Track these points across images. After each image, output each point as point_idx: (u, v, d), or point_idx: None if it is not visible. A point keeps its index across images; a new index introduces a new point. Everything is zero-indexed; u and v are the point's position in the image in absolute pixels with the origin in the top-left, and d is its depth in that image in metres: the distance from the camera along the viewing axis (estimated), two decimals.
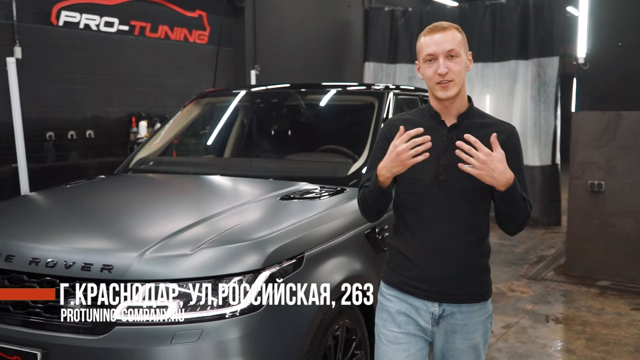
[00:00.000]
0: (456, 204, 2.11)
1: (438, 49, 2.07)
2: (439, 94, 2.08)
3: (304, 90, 4.27)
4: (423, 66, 2.13)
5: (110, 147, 6.48)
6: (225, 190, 3.42)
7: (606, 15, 5.59)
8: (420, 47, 2.13)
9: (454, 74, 2.06)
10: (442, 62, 2.05)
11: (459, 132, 2.09)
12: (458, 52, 2.08)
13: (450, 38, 2.08)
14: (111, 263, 2.31)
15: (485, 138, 2.01)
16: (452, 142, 2.07)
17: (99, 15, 6.27)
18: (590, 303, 5.12)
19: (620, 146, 5.56)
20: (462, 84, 2.12)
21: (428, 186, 2.12)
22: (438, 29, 2.11)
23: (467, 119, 2.14)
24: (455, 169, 2.04)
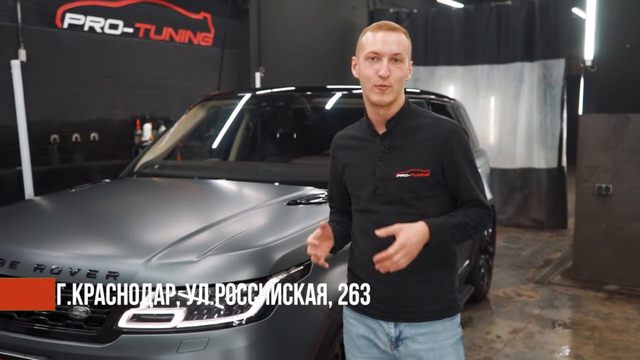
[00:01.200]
0: (399, 216, 1.95)
1: (384, 48, 1.91)
2: (374, 97, 1.94)
3: (310, 93, 4.25)
4: (363, 64, 1.96)
5: (115, 150, 6.45)
6: (230, 195, 3.39)
7: (614, 16, 5.56)
8: (364, 43, 1.97)
9: (395, 79, 1.92)
10: (386, 64, 1.90)
11: (392, 140, 1.99)
12: (403, 58, 1.94)
13: (397, 40, 1.94)
14: (117, 270, 2.29)
15: (419, 142, 1.97)
16: (385, 152, 1.99)
17: (104, 17, 6.25)
18: (598, 308, 5.08)
19: (628, 149, 5.52)
20: (399, 92, 1.97)
21: (368, 201, 2.02)
22: (387, 27, 1.96)
23: (400, 123, 2.00)
24: (392, 180, 1.97)
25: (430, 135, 1.98)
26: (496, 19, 8.44)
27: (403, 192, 1.97)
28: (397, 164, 1.98)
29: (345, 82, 10.09)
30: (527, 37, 8.21)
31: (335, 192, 2.23)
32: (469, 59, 8.67)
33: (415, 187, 1.97)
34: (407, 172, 1.97)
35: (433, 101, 4.57)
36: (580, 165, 5.80)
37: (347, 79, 10.29)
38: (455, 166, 1.98)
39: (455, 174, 1.99)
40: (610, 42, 5.58)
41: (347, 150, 2.11)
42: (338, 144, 2.17)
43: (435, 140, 1.97)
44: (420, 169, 1.96)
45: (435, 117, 2.05)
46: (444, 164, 1.98)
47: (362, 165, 2.04)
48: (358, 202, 2.07)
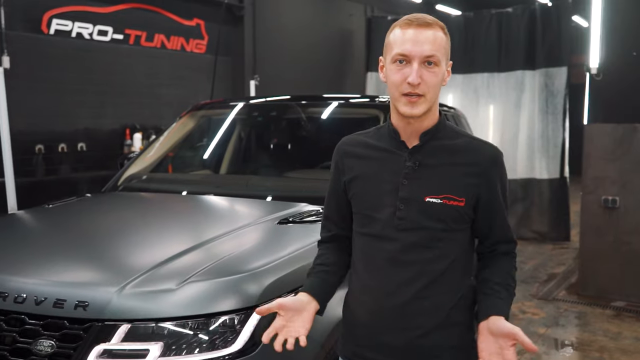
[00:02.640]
0: (419, 249, 1.66)
1: (415, 49, 1.60)
2: (402, 108, 1.63)
3: (305, 103, 4.03)
4: (390, 67, 1.65)
5: (103, 161, 6.24)
6: (218, 212, 3.17)
7: (620, 23, 5.38)
8: (392, 42, 1.65)
9: (428, 87, 1.61)
10: (417, 69, 1.59)
11: (423, 157, 1.68)
12: (438, 60, 1.62)
13: (432, 39, 1.61)
14: (87, 299, 2.05)
15: (457, 165, 1.68)
16: (414, 169, 1.68)
17: (92, 23, 6.05)
18: (606, 326, 4.85)
19: (636, 160, 5.32)
20: (435, 101, 1.67)
21: (383, 226, 1.68)
22: (419, 22, 1.62)
23: (435, 139, 1.69)
24: (419, 203, 1.65)
25: (471, 159, 1.70)
26: (496, 27, 8.27)
27: (430, 220, 1.66)
28: (427, 186, 1.67)
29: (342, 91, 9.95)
30: (528, 45, 8.05)
31: (334, 211, 1.88)
32: (469, 67, 8.48)
33: (445, 217, 1.66)
34: (439, 197, 1.66)
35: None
36: (586, 177, 5.59)
37: (344, 87, 10.13)
38: (493, 201, 1.72)
39: (490, 210, 1.73)
40: (616, 49, 5.40)
41: (359, 160, 1.77)
42: (346, 150, 1.82)
43: (476, 167, 1.69)
44: (455, 196, 1.66)
45: (475, 139, 1.77)
46: (481, 195, 1.70)
47: (380, 181, 1.71)
48: (368, 224, 1.73)
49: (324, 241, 1.92)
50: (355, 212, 1.79)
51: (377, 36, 9.21)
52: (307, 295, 1.76)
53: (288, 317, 1.69)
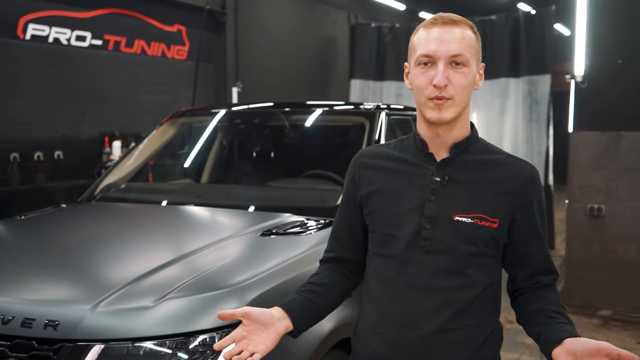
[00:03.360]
0: (444, 274, 1.50)
1: (440, 49, 1.46)
2: (429, 113, 1.48)
3: (288, 110, 3.93)
4: (414, 71, 1.51)
5: (81, 169, 6.09)
6: (198, 224, 3.05)
7: (604, 31, 5.36)
8: (415, 44, 1.52)
9: (456, 89, 1.47)
10: (442, 70, 1.46)
11: (453, 171, 1.53)
12: (467, 60, 1.48)
13: (459, 37, 1.48)
14: (57, 317, 1.93)
15: (490, 183, 1.52)
16: (442, 184, 1.52)
17: (70, 28, 5.92)
18: (593, 336, 4.80)
19: (621, 168, 5.30)
20: (465, 105, 1.52)
21: (406, 247, 1.52)
22: (445, 20, 1.49)
23: (466, 152, 1.55)
24: (447, 223, 1.49)
25: (507, 177, 1.53)
26: (480, 34, 8.08)
27: (459, 241, 1.49)
28: (456, 204, 1.51)
29: (326, 98, 9.89)
30: (512, 53, 8.05)
31: (344, 229, 1.69)
32: None
33: (476, 239, 1.50)
34: (469, 216, 1.50)
35: None
36: (571, 185, 5.56)
37: (328, 94, 10.08)
38: (530, 225, 1.55)
39: (527, 235, 1.55)
40: (601, 57, 5.38)
41: (380, 173, 1.61)
42: (364, 162, 1.64)
43: (512, 185, 1.53)
44: (487, 216, 1.50)
45: (510, 155, 1.61)
46: (516, 217, 1.53)
47: (403, 196, 1.54)
48: (389, 245, 1.55)
49: (325, 261, 1.73)
50: (372, 231, 1.61)
51: (360, 43, 9.17)
52: (281, 310, 1.54)
53: (251, 328, 1.46)
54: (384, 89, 9.10)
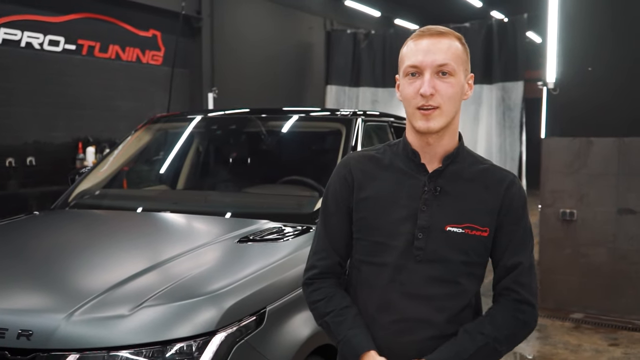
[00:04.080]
0: (437, 282, 1.53)
1: (426, 59, 1.50)
2: (418, 123, 1.51)
3: (265, 116, 3.93)
4: (403, 82, 1.55)
5: (54, 175, 6.00)
6: (175, 231, 3.02)
7: (575, 40, 5.47)
8: (404, 55, 1.56)
9: (443, 98, 1.50)
10: (429, 79, 1.49)
11: (444, 182, 1.56)
12: (453, 70, 1.51)
13: (446, 48, 1.51)
14: (31, 327, 1.90)
15: (479, 193, 1.56)
16: (434, 195, 1.55)
17: (43, 33, 5.85)
18: (566, 339, 4.88)
19: (592, 173, 5.40)
20: (454, 115, 1.55)
21: (398, 256, 1.54)
22: (432, 33, 1.53)
23: (456, 162, 1.59)
24: (440, 233, 1.52)
25: (490, 185, 1.57)
26: None
27: (451, 251, 1.53)
28: (448, 214, 1.54)
29: (302, 103, 9.90)
30: (486, 60, 8.18)
31: (339, 236, 1.65)
32: None
33: (467, 248, 1.53)
34: (460, 226, 1.53)
35: (395, 124, 4.30)
36: (544, 190, 5.65)
37: (304, 100, 10.09)
38: (510, 227, 1.58)
39: (506, 237, 1.58)
40: (572, 65, 5.48)
41: (370, 179, 1.61)
42: (356, 166, 1.63)
43: (497, 194, 1.57)
44: (478, 225, 1.54)
45: (494, 165, 1.65)
46: (500, 223, 1.57)
47: (395, 205, 1.56)
48: (380, 253, 1.56)
49: (325, 273, 1.66)
50: (359, 238, 1.61)
51: (336, 49, 9.22)
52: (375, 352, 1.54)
53: None
54: (359, 95, 9.15)
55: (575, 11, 5.45)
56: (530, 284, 1.57)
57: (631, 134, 5.22)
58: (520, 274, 1.57)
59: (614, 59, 5.32)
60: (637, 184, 5.21)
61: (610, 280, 5.37)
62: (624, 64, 5.28)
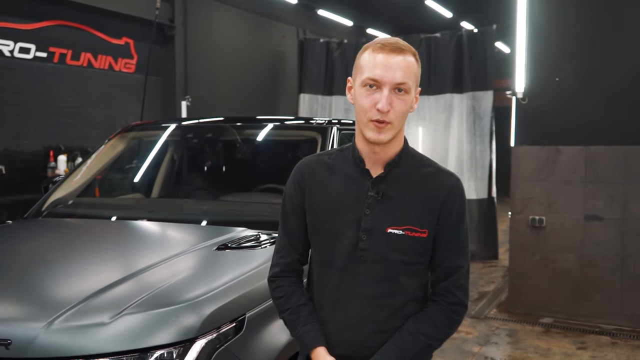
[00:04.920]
0: (380, 281, 1.64)
1: (386, 75, 1.57)
2: (369, 134, 1.60)
3: (241, 125, 3.96)
4: (359, 91, 1.61)
5: (25, 184, 5.91)
6: (152, 239, 3.03)
7: (543, 50, 5.61)
8: (363, 64, 1.62)
9: (396, 114, 1.58)
10: (387, 96, 1.56)
11: (387, 187, 1.65)
12: (408, 88, 1.59)
13: (404, 66, 1.58)
14: (9, 336, 1.89)
15: (420, 196, 1.65)
16: (376, 200, 1.64)
17: (13, 40, 5.78)
18: (536, 343, 4.98)
19: (560, 181, 5.53)
20: (401, 129, 1.65)
21: (344, 257, 1.65)
22: (392, 47, 1.59)
23: (398, 166, 1.67)
24: (381, 234, 1.62)
25: (432, 189, 1.66)
26: (425, 51, 8.47)
27: (392, 251, 1.63)
28: (389, 217, 1.64)
29: (275, 112, 9.93)
30: (456, 69, 8.28)
31: (298, 236, 1.77)
32: None
33: (407, 249, 1.64)
34: (401, 228, 1.63)
35: None
36: (514, 197, 5.76)
37: (277, 108, 10.12)
38: (451, 230, 1.67)
39: (446, 240, 1.68)
40: (540, 75, 5.62)
41: (323, 184, 1.71)
42: (310, 170, 1.74)
43: (437, 197, 1.66)
44: (417, 227, 1.64)
45: (438, 168, 1.73)
46: (439, 224, 1.67)
47: (342, 209, 1.67)
48: (329, 254, 1.68)
49: (286, 271, 1.80)
50: (313, 240, 1.73)
51: (310, 58, 9.26)
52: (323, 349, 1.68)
53: None
54: (333, 104, 9.21)
55: (542, 23, 5.59)
56: (466, 287, 1.71)
57: (596, 142, 5.37)
58: (460, 277, 1.69)
59: (580, 70, 5.47)
60: (603, 191, 5.36)
61: (578, 286, 5.50)
62: (589, 75, 5.43)
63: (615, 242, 5.34)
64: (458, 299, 1.68)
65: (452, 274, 1.68)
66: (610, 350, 4.78)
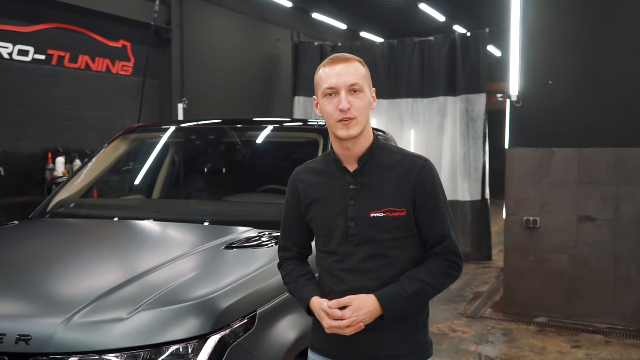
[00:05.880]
0: (373, 259, 1.90)
1: (340, 81, 1.86)
2: (340, 132, 1.87)
3: (245, 127, 4.02)
4: (322, 102, 1.91)
5: (23, 186, 5.92)
6: (161, 238, 3.07)
7: (537, 54, 5.70)
8: (320, 80, 1.92)
9: (357, 110, 1.86)
10: (345, 97, 1.84)
11: (364, 178, 1.92)
12: (362, 87, 1.88)
13: (353, 71, 1.88)
14: (29, 332, 1.94)
15: (393, 180, 1.90)
16: (357, 191, 1.91)
17: (12, 43, 5.79)
18: (531, 342, 5.06)
19: (554, 182, 5.62)
20: (367, 123, 1.91)
21: (340, 243, 1.92)
22: (340, 60, 1.90)
23: (371, 160, 1.94)
24: (366, 220, 1.89)
25: (404, 172, 1.92)
26: (419, 54, 8.56)
27: (378, 232, 1.89)
28: (370, 203, 1.90)
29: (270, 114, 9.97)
30: (450, 73, 8.36)
31: (296, 234, 2.09)
32: (394, 92, 8.72)
33: (391, 228, 1.89)
34: (382, 211, 1.89)
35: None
36: (509, 199, 5.85)
37: (272, 111, 10.17)
38: (428, 205, 1.92)
39: (426, 214, 1.92)
40: (534, 78, 5.71)
41: (313, 187, 2.00)
42: (301, 179, 2.04)
43: (408, 178, 1.91)
44: (395, 208, 1.90)
45: (407, 154, 1.99)
46: (416, 202, 1.91)
47: (332, 204, 1.94)
48: (328, 243, 1.96)
49: (290, 258, 2.10)
50: (315, 234, 2.03)
51: (304, 61, 9.32)
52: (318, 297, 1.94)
53: None
54: None
55: (536, 26, 5.69)
56: (457, 250, 1.95)
57: (589, 144, 5.46)
58: (450, 243, 1.94)
59: (573, 73, 5.57)
60: (596, 193, 5.45)
61: (572, 286, 5.59)
62: (582, 78, 5.53)
63: (608, 243, 5.43)
64: (453, 259, 1.93)
65: (442, 242, 1.93)
66: (604, 348, 4.87)
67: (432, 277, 1.89)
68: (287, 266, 2.08)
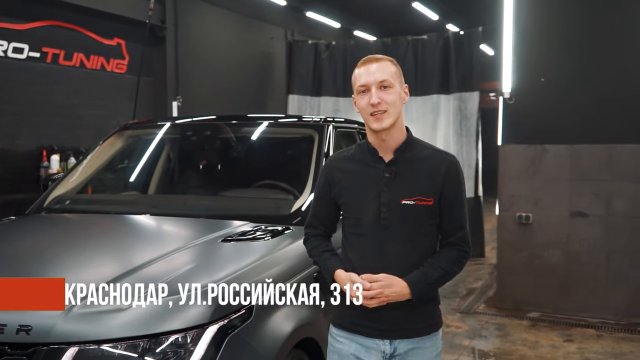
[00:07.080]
0: (400, 243, 2.07)
1: (370, 79, 2.04)
2: (373, 125, 2.04)
3: (241, 123, 4.04)
4: (357, 98, 2.10)
5: (18, 183, 5.93)
6: (158, 231, 3.10)
7: (529, 52, 5.75)
8: (354, 79, 2.11)
9: (388, 104, 2.02)
10: (375, 92, 2.01)
11: (398, 168, 2.08)
12: (391, 83, 2.04)
13: (382, 68, 2.05)
14: (29, 322, 1.97)
15: (424, 172, 2.06)
16: (391, 179, 2.07)
17: (7, 40, 5.80)
18: (524, 336, 5.11)
19: (546, 179, 5.67)
20: (398, 115, 2.07)
21: (371, 226, 2.07)
22: (371, 60, 2.09)
23: (406, 152, 2.10)
24: (398, 206, 2.04)
25: (434, 165, 2.08)
26: (413, 53, 8.59)
27: (407, 218, 2.05)
28: (402, 191, 2.06)
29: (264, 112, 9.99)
30: (443, 71, 8.39)
31: (324, 214, 2.26)
32: None
33: (419, 215, 2.05)
34: (412, 199, 2.05)
35: (363, 131, 4.47)
36: (502, 195, 5.89)
37: (266, 109, 10.20)
38: (452, 197, 2.08)
39: (449, 205, 2.08)
40: (526, 76, 5.76)
41: (347, 173, 2.16)
42: (335, 166, 2.21)
43: (439, 171, 2.07)
44: (424, 197, 2.05)
45: (437, 149, 2.17)
46: (442, 193, 2.07)
47: (365, 190, 2.09)
48: (358, 225, 2.11)
49: (316, 235, 2.27)
50: (346, 217, 2.16)
51: (298, 60, 9.34)
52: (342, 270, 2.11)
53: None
54: (321, 105, 9.30)
55: (529, 24, 5.74)
56: (469, 240, 2.15)
57: (581, 141, 5.52)
58: (464, 234, 2.13)
59: (566, 71, 5.62)
60: (587, 189, 5.51)
61: (564, 281, 5.64)
62: (574, 76, 5.58)
63: (599, 238, 5.49)
64: (464, 249, 2.13)
65: (457, 232, 2.11)
66: (595, 342, 4.93)
67: (448, 264, 2.08)
68: (313, 241, 2.26)
